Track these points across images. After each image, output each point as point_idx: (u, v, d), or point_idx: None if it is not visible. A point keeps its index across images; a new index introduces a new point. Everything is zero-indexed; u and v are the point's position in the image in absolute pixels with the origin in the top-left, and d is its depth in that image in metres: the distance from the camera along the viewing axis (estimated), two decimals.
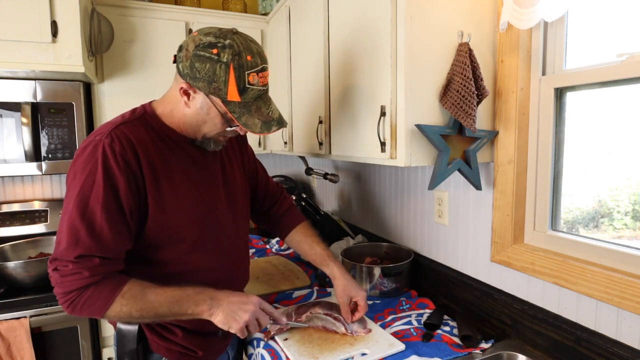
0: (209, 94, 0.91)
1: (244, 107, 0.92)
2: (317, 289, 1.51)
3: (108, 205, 0.86)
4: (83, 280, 0.85)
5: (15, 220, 2.02)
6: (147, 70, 2.02)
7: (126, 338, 0.99)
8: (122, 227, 0.90)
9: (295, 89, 1.77)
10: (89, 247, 0.85)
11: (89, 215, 0.85)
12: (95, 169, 0.86)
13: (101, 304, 0.87)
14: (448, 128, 1.07)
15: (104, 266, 0.87)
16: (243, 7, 2.38)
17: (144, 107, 1.02)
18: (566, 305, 1.01)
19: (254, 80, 0.91)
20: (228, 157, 1.15)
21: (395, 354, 1.06)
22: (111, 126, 0.92)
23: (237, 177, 1.16)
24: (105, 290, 0.87)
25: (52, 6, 1.57)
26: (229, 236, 1.10)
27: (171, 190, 0.97)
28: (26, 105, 1.72)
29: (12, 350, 1.52)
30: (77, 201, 0.86)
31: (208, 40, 0.88)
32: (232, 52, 0.87)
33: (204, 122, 0.97)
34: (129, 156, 0.90)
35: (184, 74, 0.91)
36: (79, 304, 0.86)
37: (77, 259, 0.85)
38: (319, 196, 2.51)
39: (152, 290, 0.90)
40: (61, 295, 0.86)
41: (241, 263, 1.17)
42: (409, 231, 1.60)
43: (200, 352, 1.06)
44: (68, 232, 0.85)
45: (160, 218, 0.95)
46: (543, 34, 1.07)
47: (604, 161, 1.00)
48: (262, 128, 0.93)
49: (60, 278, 0.85)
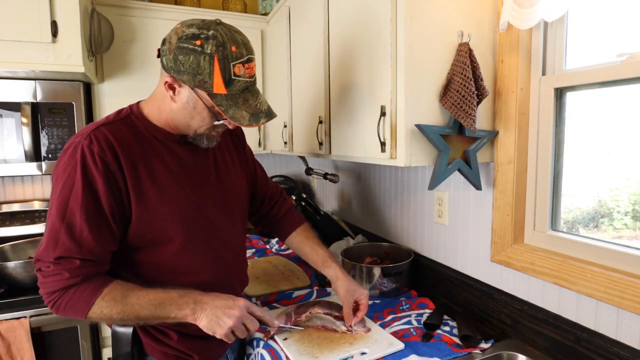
0: (194, 87, 0.89)
1: (230, 99, 0.90)
2: (317, 288, 1.51)
3: (87, 206, 0.86)
4: (63, 282, 0.86)
5: (15, 220, 2.02)
6: (147, 70, 2.02)
7: (121, 340, 0.98)
8: (104, 229, 0.89)
9: (295, 89, 1.77)
10: (68, 249, 0.85)
11: (68, 217, 0.86)
12: (74, 170, 0.86)
13: (82, 306, 0.87)
14: (448, 128, 1.07)
15: (84, 267, 0.87)
16: (243, 7, 2.38)
17: (131, 107, 1.01)
18: (566, 305, 1.01)
19: (239, 71, 0.89)
20: (222, 156, 1.13)
21: (394, 353, 1.06)
22: (92, 127, 0.92)
23: (232, 177, 1.14)
24: (86, 292, 0.87)
25: (52, 6, 1.57)
26: (221, 237, 1.08)
27: (155, 189, 0.95)
28: (26, 105, 1.72)
29: (12, 350, 1.52)
30: (57, 203, 0.86)
31: (191, 32, 0.86)
32: (216, 43, 0.85)
33: (192, 117, 0.94)
34: (108, 157, 0.89)
35: (168, 68, 0.89)
36: (61, 305, 0.87)
37: (57, 260, 0.85)
38: (319, 196, 2.51)
39: (134, 293, 0.89)
40: (45, 295, 0.88)
41: (236, 265, 1.14)
42: (409, 231, 1.60)
43: (196, 356, 1.04)
44: (49, 233, 0.86)
45: (144, 218, 0.94)
46: (543, 34, 1.07)
47: (604, 161, 1.00)
48: (251, 120, 0.91)
49: (43, 278, 0.87)
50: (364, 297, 1.16)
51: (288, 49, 1.81)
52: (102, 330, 1.79)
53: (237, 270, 1.15)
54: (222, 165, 1.12)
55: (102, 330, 1.79)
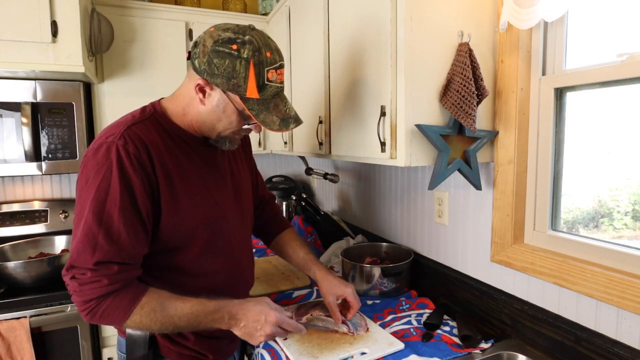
0: (227, 90, 0.89)
1: (262, 104, 0.90)
2: (316, 289, 1.51)
3: (125, 208, 0.84)
4: (102, 289, 0.84)
5: (15, 220, 2.02)
6: (147, 70, 2.02)
7: (136, 344, 0.97)
8: (140, 231, 0.88)
9: (295, 89, 1.77)
10: (107, 253, 0.83)
11: (106, 220, 0.83)
12: (109, 171, 0.84)
13: (120, 314, 0.86)
14: (448, 128, 1.07)
15: (122, 273, 0.86)
16: (243, 7, 2.38)
17: (154, 105, 0.99)
18: (566, 305, 1.01)
19: (272, 77, 0.89)
20: (234, 158, 1.14)
21: (394, 353, 1.06)
22: (123, 126, 0.89)
23: (243, 181, 1.15)
24: (125, 300, 0.86)
25: (52, 6, 1.57)
26: (237, 239, 1.09)
27: (185, 192, 0.94)
28: (26, 105, 1.72)
29: (12, 350, 1.52)
30: (92, 206, 0.83)
31: (227, 35, 0.86)
32: (252, 48, 0.85)
33: (219, 120, 0.94)
34: (143, 158, 0.87)
35: (201, 70, 0.88)
36: (97, 313, 0.85)
37: (96, 266, 0.83)
38: (319, 196, 2.51)
39: (171, 304, 0.89)
40: (80, 303, 0.85)
41: (247, 266, 1.16)
42: (409, 231, 1.60)
43: (210, 355, 1.05)
44: (85, 238, 0.83)
45: (173, 221, 0.93)
46: (543, 34, 1.07)
47: (604, 161, 1.00)
48: (281, 125, 0.91)
49: (79, 286, 0.83)
50: (348, 294, 1.14)
51: (288, 49, 1.81)
52: (102, 330, 1.79)
53: (247, 272, 1.16)
54: (235, 167, 1.13)
55: (102, 330, 1.79)
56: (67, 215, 2.10)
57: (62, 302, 1.61)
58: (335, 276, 1.19)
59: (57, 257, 1.63)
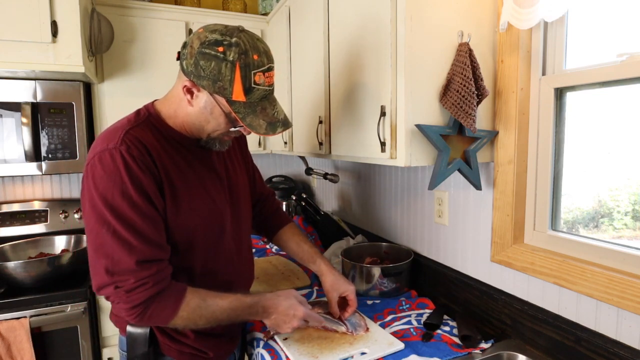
0: (213, 92, 0.89)
1: (249, 107, 0.90)
2: (317, 288, 1.51)
3: (145, 210, 0.86)
4: (148, 291, 0.85)
5: (15, 220, 2.02)
6: (147, 70, 2.02)
7: (137, 341, 0.98)
8: (162, 228, 0.90)
9: (295, 89, 1.77)
10: (143, 252, 0.85)
11: (132, 224, 0.84)
12: (119, 178, 0.84)
13: (169, 313, 0.89)
14: (448, 128, 1.07)
15: (161, 272, 0.88)
16: (243, 7, 2.38)
17: (147, 108, 0.99)
18: (566, 305, 1.01)
19: (260, 80, 0.88)
20: (230, 158, 1.14)
21: (394, 353, 1.06)
22: (121, 131, 0.89)
23: (240, 181, 1.15)
24: (171, 299, 0.89)
25: (52, 6, 1.57)
26: (236, 238, 1.10)
27: (185, 193, 0.95)
28: (26, 105, 1.72)
29: (12, 351, 1.52)
30: (113, 215, 0.83)
31: (214, 37, 0.86)
32: (239, 51, 0.85)
33: (208, 121, 0.94)
34: (147, 159, 0.88)
35: (188, 72, 0.89)
36: (146, 316, 0.88)
37: (138, 266, 0.84)
38: (319, 196, 2.51)
39: (212, 300, 0.94)
40: (127, 310, 0.86)
41: (245, 266, 1.16)
42: (409, 231, 1.60)
43: (211, 352, 1.06)
44: (118, 245, 0.83)
45: (174, 222, 0.93)
46: (543, 34, 1.07)
47: (604, 161, 1.00)
48: (267, 129, 0.91)
49: (126, 294, 0.84)
50: (350, 292, 1.17)
51: (288, 49, 1.81)
52: (102, 331, 1.80)
53: (246, 271, 1.17)
54: (231, 167, 1.13)
55: (102, 331, 1.80)
56: (67, 215, 2.10)
57: (62, 302, 1.61)
58: (339, 273, 1.21)
59: (57, 257, 1.63)
